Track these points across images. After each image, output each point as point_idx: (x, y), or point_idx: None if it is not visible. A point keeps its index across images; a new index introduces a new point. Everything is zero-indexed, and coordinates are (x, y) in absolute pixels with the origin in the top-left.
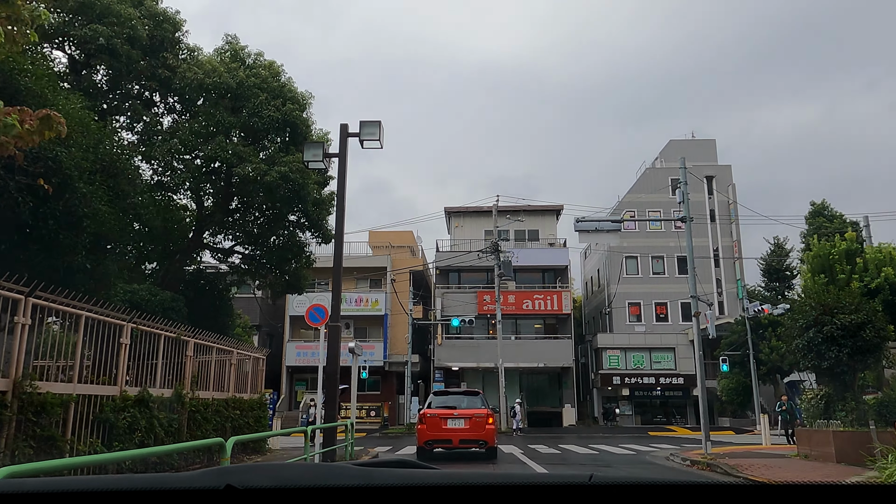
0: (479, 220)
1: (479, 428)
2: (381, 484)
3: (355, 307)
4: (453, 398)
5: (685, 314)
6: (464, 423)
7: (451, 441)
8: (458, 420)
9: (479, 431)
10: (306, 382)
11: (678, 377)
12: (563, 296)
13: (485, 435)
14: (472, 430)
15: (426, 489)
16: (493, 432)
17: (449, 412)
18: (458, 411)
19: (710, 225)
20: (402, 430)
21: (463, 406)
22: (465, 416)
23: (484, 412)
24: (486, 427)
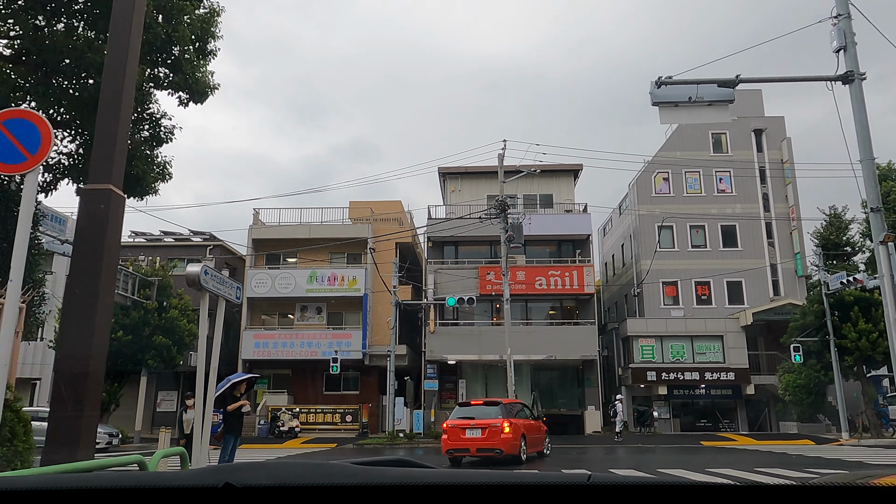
0: (479, 182)
1: (494, 437)
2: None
3: (328, 286)
4: (473, 409)
5: (733, 295)
6: (480, 432)
7: (468, 450)
8: (475, 430)
9: (495, 440)
10: (268, 380)
11: (727, 372)
12: (584, 271)
13: (500, 443)
14: (488, 439)
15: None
16: (508, 440)
17: (467, 422)
18: (475, 422)
19: (761, 188)
20: (384, 441)
21: (480, 416)
22: (481, 427)
23: (499, 422)
24: (502, 436)
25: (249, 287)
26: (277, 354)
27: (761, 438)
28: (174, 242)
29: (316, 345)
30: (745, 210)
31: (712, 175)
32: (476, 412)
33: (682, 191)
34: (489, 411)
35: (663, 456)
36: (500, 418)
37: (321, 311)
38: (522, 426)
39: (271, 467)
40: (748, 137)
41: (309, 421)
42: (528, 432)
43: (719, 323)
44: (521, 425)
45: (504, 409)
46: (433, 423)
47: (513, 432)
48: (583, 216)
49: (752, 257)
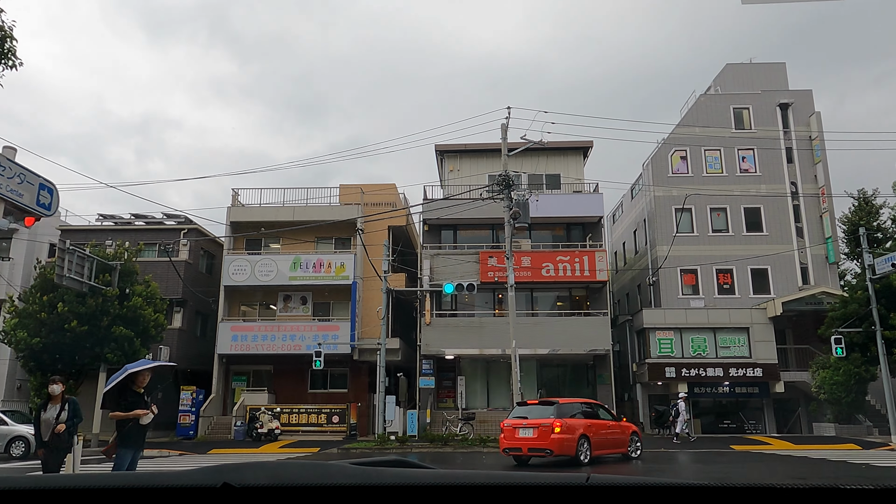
0: (480, 161)
1: (544, 437)
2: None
3: (313, 273)
4: (528, 409)
5: (758, 283)
6: (532, 432)
7: (521, 449)
8: (527, 430)
9: (545, 440)
10: (247, 377)
11: (754, 367)
12: (596, 257)
13: (550, 444)
14: (539, 439)
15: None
16: (559, 441)
17: (520, 422)
18: (527, 421)
19: (788, 167)
20: (373, 445)
21: (534, 416)
22: (532, 426)
23: (550, 422)
24: (552, 436)
25: (227, 274)
26: (257, 349)
27: (799, 441)
28: (145, 226)
29: (300, 338)
30: (770, 191)
31: (734, 153)
32: (530, 412)
33: (702, 170)
34: (542, 411)
35: (725, 466)
36: (550, 418)
37: (306, 301)
38: (583, 427)
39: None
40: (773, 112)
41: (291, 422)
42: (595, 433)
43: (744, 314)
44: (579, 425)
45: (558, 409)
46: (429, 424)
47: (566, 433)
48: (594, 196)
49: (779, 242)
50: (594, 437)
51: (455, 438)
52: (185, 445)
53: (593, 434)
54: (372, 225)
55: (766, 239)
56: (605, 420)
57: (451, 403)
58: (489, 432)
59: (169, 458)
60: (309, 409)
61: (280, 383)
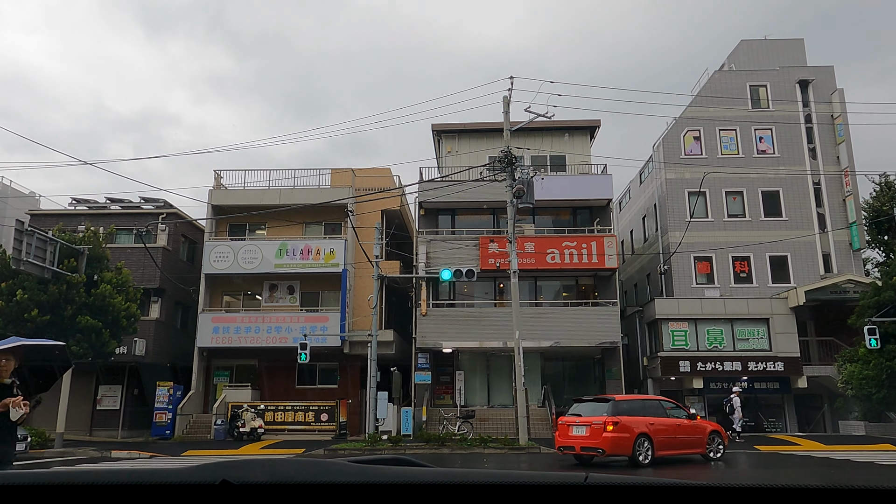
0: (480, 141)
1: (596, 436)
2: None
3: (301, 261)
4: (584, 405)
5: (777, 272)
6: (584, 430)
7: (574, 448)
8: (580, 427)
9: (597, 439)
10: (230, 372)
11: (775, 361)
12: (605, 242)
13: (602, 443)
14: (591, 437)
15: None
16: (611, 440)
17: (573, 419)
18: (581, 419)
19: (808, 147)
20: (363, 445)
21: (588, 413)
22: (585, 424)
23: (602, 419)
24: (603, 435)
25: (208, 261)
26: (240, 341)
27: (830, 442)
28: (121, 210)
29: (286, 330)
30: (789, 173)
31: (751, 133)
32: (585, 409)
33: (717, 151)
34: (596, 408)
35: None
36: (603, 416)
37: (293, 291)
38: (643, 425)
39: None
40: (792, 90)
41: (276, 420)
42: (659, 432)
43: (764, 303)
44: (638, 424)
45: (614, 406)
46: (425, 422)
47: (620, 431)
48: (602, 177)
49: (799, 228)
50: (658, 437)
51: (453, 438)
52: (159, 446)
53: (657, 433)
54: (364, 210)
55: (785, 224)
56: (675, 418)
57: (449, 400)
58: (490, 431)
59: (137, 459)
60: (296, 407)
61: (265, 379)
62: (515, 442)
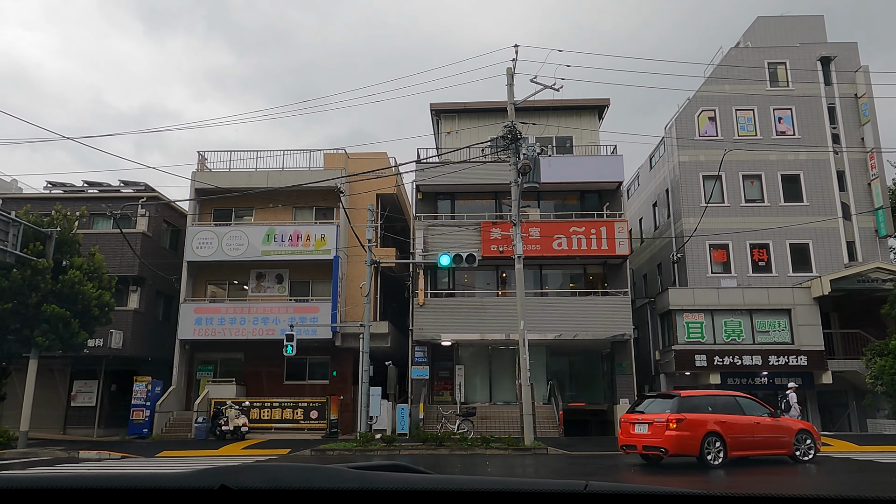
0: (481, 121)
1: (658, 434)
2: (375, 487)
3: (290, 247)
4: (647, 402)
5: (798, 260)
6: (646, 428)
7: (635, 447)
8: (642, 426)
9: (659, 438)
10: (214, 366)
11: (797, 355)
12: (615, 227)
13: (664, 442)
14: (653, 436)
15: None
16: (674, 439)
17: (635, 417)
18: (643, 416)
19: (830, 128)
20: (354, 446)
21: (651, 410)
22: (647, 422)
23: (664, 417)
24: (666, 433)
25: (190, 248)
26: (225, 334)
27: (863, 442)
28: (98, 194)
29: (274, 321)
30: (810, 156)
31: (769, 113)
32: (648, 405)
33: (733, 133)
34: (660, 404)
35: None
36: (665, 413)
37: (282, 280)
38: (714, 423)
39: (267, 470)
40: (813, 67)
41: (263, 418)
42: (733, 431)
43: (785, 293)
44: (707, 421)
45: (678, 403)
46: (422, 420)
47: (685, 429)
48: (612, 158)
49: (821, 214)
50: (732, 436)
51: (452, 438)
52: (135, 446)
53: (730, 432)
54: (358, 194)
55: (806, 210)
56: (753, 416)
57: (448, 397)
58: (492, 430)
59: (107, 461)
60: (283, 404)
61: (251, 373)
62: (520, 442)
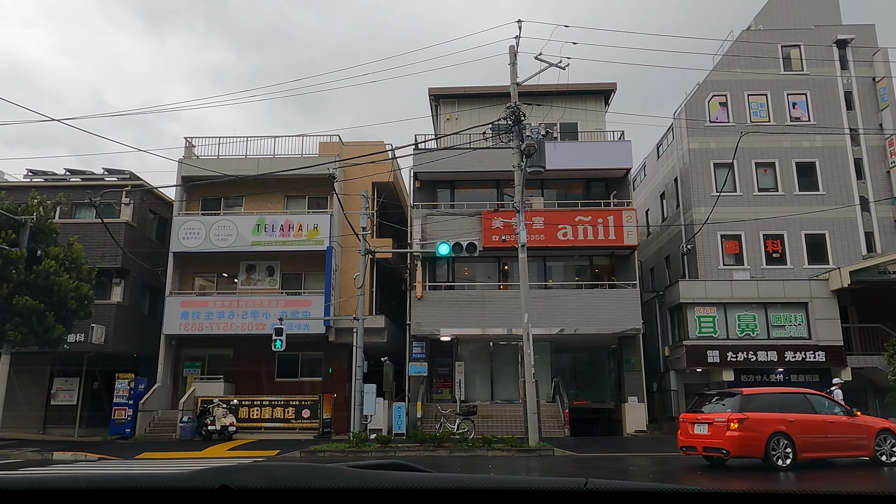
0: (482, 107)
1: (719, 435)
2: (375, 486)
3: (281, 238)
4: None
5: (814, 251)
6: (706, 428)
7: (695, 448)
8: (702, 426)
9: (720, 438)
10: (202, 363)
11: (815, 350)
12: (623, 217)
13: (725, 443)
14: (714, 436)
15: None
16: (736, 440)
17: (695, 416)
18: (702, 416)
19: (847, 113)
20: (347, 447)
21: (709, 409)
22: (707, 422)
23: (725, 416)
24: (727, 434)
25: (176, 239)
26: (212, 328)
27: None
28: (81, 182)
29: (264, 315)
30: (826, 143)
31: (783, 98)
32: (707, 404)
33: (745, 118)
34: (722, 403)
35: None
36: (727, 412)
37: (273, 272)
38: (781, 422)
39: (268, 469)
40: (829, 50)
41: (252, 417)
42: (803, 431)
43: (802, 286)
44: (773, 421)
45: (741, 401)
46: (420, 420)
47: (748, 430)
48: (620, 144)
49: (838, 203)
50: (801, 437)
51: (451, 438)
52: (117, 446)
53: (799, 432)
54: (353, 185)
55: (822, 199)
56: (826, 414)
57: (448, 395)
58: (493, 430)
59: (82, 462)
60: (274, 402)
61: (241, 370)
62: (524, 443)
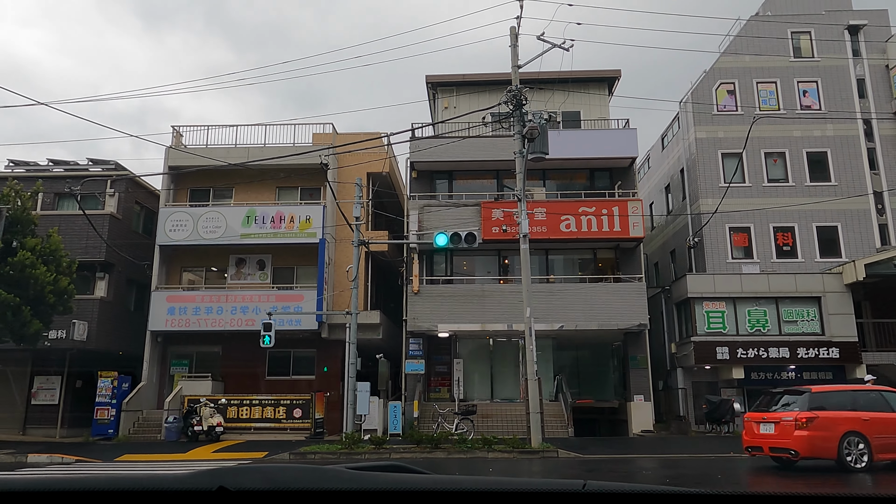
0: (481, 96)
1: (786, 434)
2: (373, 488)
3: (272, 230)
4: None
5: (826, 244)
6: (773, 428)
7: (761, 448)
8: (767, 425)
9: (787, 438)
10: (190, 360)
11: (829, 347)
12: (629, 207)
13: (793, 443)
14: (781, 436)
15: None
16: (805, 440)
17: (760, 416)
18: (768, 415)
19: (859, 102)
20: (339, 448)
21: (775, 408)
22: (773, 421)
23: (792, 416)
24: (795, 433)
25: (163, 231)
26: (200, 324)
27: None
28: (64, 173)
29: (254, 310)
30: (838, 132)
31: (793, 86)
32: (774, 402)
33: (754, 107)
34: (789, 401)
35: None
36: (794, 410)
37: (264, 266)
38: (854, 421)
39: (265, 471)
40: (840, 36)
41: (241, 416)
42: (878, 431)
43: (815, 280)
44: (846, 420)
45: (810, 399)
46: (417, 419)
47: (817, 429)
48: (625, 132)
49: (851, 194)
50: (877, 436)
51: (450, 439)
52: (98, 448)
53: (875, 432)
54: (348, 175)
55: (834, 190)
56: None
57: (446, 394)
58: (493, 430)
59: (59, 465)
60: (264, 401)
61: (230, 368)
62: (526, 443)
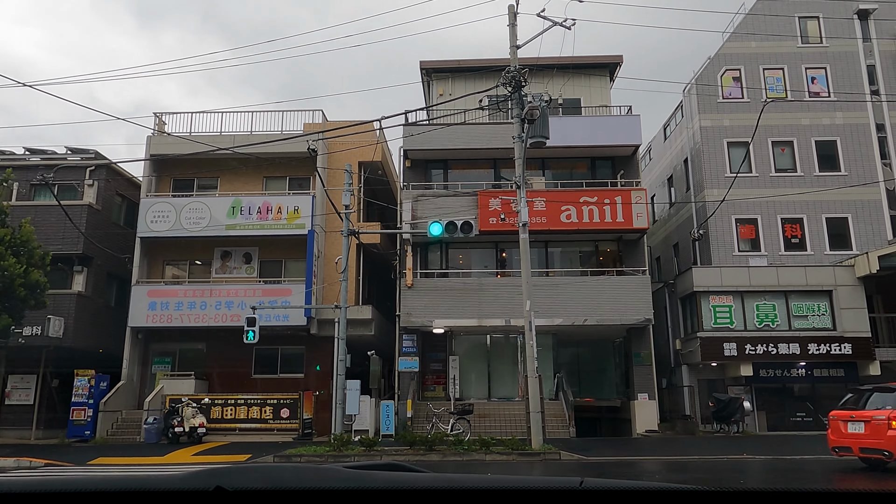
0: (477, 82)
1: (878, 434)
2: (371, 487)
3: (258, 221)
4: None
5: (836, 236)
6: (862, 427)
7: (850, 449)
8: (857, 424)
9: (879, 439)
10: (172, 358)
11: (841, 343)
12: (632, 197)
13: (887, 443)
14: (872, 436)
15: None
16: None
17: (848, 414)
18: (856, 413)
19: (870, 88)
20: (327, 450)
21: (865, 406)
22: (863, 419)
23: (885, 414)
24: (889, 433)
25: (144, 222)
26: (183, 320)
27: None
28: (41, 161)
29: (240, 305)
30: (848, 120)
31: (801, 73)
32: (862, 400)
33: (761, 94)
34: (880, 399)
35: None
36: (887, 409)
37: (250, 259)
38: None
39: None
40: (850, 21)
41: (226, 417)
42: None
43: (826, 272)
44: None
45: None
46: (410, 419)
47: None
48: (628, 119)
49: (861, 184)
50: None
51: (445, 440)
52: (73, 450)
53: None
54: (338, 164)
55: (844, 180)
56: None
57: (441, 392)
58: (491, 430)
59: (26, 469)
60: (250, 401)
61: (214, 366)
62: (526, 444)
